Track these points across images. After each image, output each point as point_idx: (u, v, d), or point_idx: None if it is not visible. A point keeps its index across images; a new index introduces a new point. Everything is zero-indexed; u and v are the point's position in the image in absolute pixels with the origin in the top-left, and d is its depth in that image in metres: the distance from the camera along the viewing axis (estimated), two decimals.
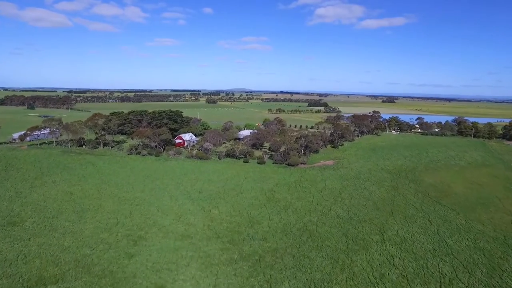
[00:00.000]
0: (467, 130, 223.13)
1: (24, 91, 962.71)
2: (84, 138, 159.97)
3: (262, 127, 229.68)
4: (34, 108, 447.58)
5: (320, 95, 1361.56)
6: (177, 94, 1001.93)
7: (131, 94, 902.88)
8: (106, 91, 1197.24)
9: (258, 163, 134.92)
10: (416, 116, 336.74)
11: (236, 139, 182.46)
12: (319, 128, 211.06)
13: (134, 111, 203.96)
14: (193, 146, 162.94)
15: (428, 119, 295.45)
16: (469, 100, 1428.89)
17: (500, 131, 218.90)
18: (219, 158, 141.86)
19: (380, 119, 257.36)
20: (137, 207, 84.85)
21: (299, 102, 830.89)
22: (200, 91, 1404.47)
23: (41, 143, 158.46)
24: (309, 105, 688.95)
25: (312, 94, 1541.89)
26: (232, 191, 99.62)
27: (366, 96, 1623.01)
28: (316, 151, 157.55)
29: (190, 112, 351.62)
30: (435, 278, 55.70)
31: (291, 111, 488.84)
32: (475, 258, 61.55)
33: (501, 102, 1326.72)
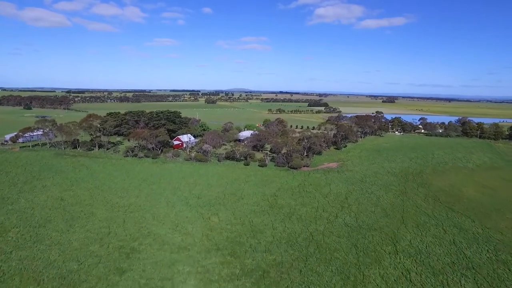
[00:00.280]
0: (472, 130, 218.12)
1: (23, 91, 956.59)
2: (78, 140, 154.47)
3: (262, 127, 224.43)
4: (31, 108, 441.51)
5: (320, 95, 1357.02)
6: (176, 94, 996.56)
7: (129, 94, 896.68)
8: (105, 91, 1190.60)
9: (259, 165, 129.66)
10: (418, 117, 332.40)
11: (236, 141, 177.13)
12: (320, 128, 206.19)
13: (131, 111, 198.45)
14: (191, 148, 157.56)
15: (430, 119, 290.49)
16: (468, 100, 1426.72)
17: (506, 132, 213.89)
18: (218, 161, 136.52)
19: (383, 119, 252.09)
20: (131, 215, 79.47)
21: (299, 102, 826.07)
22: (199, 91, 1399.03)
23: (34, 145, 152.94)
24: (309, 105, 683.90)
25: (311, 94, 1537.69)
26: (232, 197, 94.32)
27: (366, 96, 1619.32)
28: (319, 153, 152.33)
29: (189, 113, 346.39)
30: None
31: (292, 111, 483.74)
32: (499, 273, 56.32)
33: (500, 102, 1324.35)
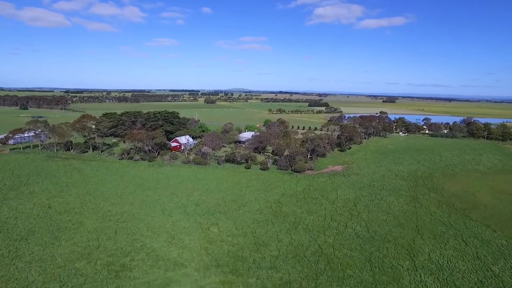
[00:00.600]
0: (479, 131, 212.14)
1: (21, 91, 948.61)
2: (72, 142, 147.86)
3: (263, 128, 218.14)
4: (27, 108, 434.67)
5: (320, 95, 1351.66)
6: (175, 94, 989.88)
7: (128, 94, 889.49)
8: (104, 91, 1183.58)
9: (261, 169, 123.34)
10: (420, 117, 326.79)
11: (236, 142, 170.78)
12: (323, 129, 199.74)
13: (128, 111, 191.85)
14: (190, 150, 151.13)
15: (433, 119, 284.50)
16: (468, 100, 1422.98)
17: None
18: (218, 164, 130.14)
19: (386, 120, 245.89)
20: (123, 225, 73.09)
21: (299, 102, 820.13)
22: (199, 91, 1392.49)
23: (25, 147, 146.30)
24: (309, 105, 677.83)
25: (311, 94, 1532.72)
26: (233, 204, 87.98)
27: (365, 96, 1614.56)
28: (323, 155, 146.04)
29: (188, 113, 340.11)
30: None
31: (292, 111, 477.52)
32: None
33: (500, 102, 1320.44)
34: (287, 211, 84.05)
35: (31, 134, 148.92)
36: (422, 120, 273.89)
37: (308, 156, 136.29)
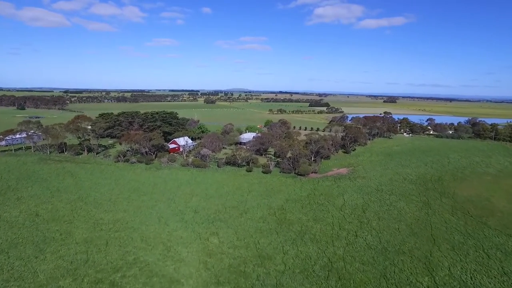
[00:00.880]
0: (486, 132, 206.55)
1: (21, 91, 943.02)
2: (66, 143, 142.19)
3: (264, 129, 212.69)
4: (24, 108, 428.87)
5: (320, 95, 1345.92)
6: (175, 94, 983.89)
7: (128, 94, 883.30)
8: (104, 91, 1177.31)
9: (263, 172, 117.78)
10: (423, 117, 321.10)
11: (237, 144, 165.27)
12: (325, 130, 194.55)
13: (125, 112, 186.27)
14: (189, 152, 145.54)
15: (436, 120, 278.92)
16: (468, 100, 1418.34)
17: None
18: (218, 166, 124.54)
19: (390, 120, 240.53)
20: (116, 235, 67.53)
21: (299, 102, 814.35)
22: (199, 91, 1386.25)
23: (17, 149, 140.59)
24: (310, 105, 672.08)
25: (311, 94, 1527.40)
26: (234, 210, 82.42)
27: (366, 96, 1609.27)
28: (328, 157, 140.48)
29: (188, 113, 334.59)
30: None
31: (293, 111, 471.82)
32: None
33: (500, 102, 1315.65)
34: (292, 218, 78.51)
35: (23, 135, 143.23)
36: (426, 121, 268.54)
37: (312, 159, 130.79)
